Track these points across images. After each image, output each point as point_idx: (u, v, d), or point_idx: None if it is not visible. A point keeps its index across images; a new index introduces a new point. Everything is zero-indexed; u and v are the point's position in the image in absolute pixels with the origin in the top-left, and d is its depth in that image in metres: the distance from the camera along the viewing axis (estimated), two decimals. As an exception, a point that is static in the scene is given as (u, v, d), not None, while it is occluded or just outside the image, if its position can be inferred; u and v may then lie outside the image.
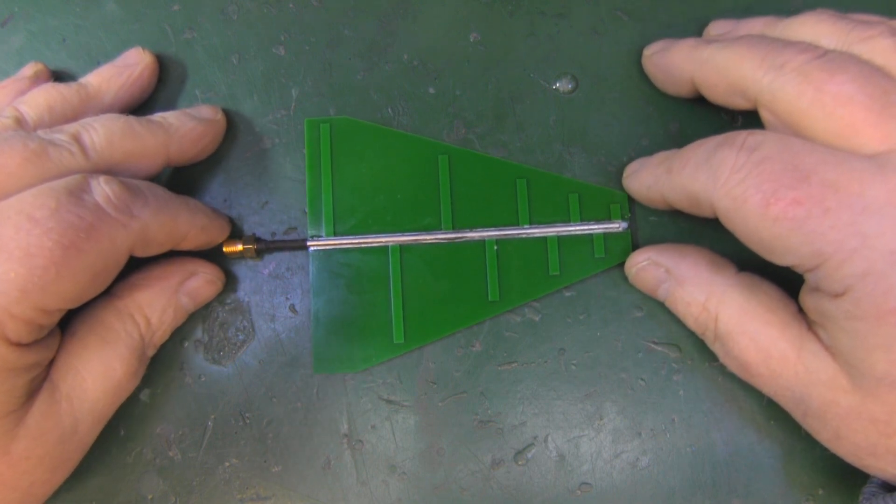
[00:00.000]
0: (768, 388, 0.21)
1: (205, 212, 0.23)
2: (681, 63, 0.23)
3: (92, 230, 0.18)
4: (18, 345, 0.19)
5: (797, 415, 0.21)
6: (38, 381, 0.20)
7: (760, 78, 0.20)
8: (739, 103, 0.22)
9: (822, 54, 0.19)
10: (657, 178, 0.22)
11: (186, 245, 0.23)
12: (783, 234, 0.18)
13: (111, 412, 0.22)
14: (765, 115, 0.21)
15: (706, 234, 0.25)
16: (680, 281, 0.23)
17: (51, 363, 0.21)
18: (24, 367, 0.19)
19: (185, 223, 0.22)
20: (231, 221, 0.25)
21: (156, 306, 0.23)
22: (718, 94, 0.22)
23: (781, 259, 0.19)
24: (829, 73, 0.19)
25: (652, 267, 0.23)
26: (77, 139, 0.21)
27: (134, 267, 0.24)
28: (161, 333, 0.23)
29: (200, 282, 0.24)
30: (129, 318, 0.22)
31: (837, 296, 0.18)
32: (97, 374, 0.21)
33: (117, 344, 0.22)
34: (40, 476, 0.20)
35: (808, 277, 0.19)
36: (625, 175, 0.25)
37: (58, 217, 0.18)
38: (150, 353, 0.23)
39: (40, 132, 0.21)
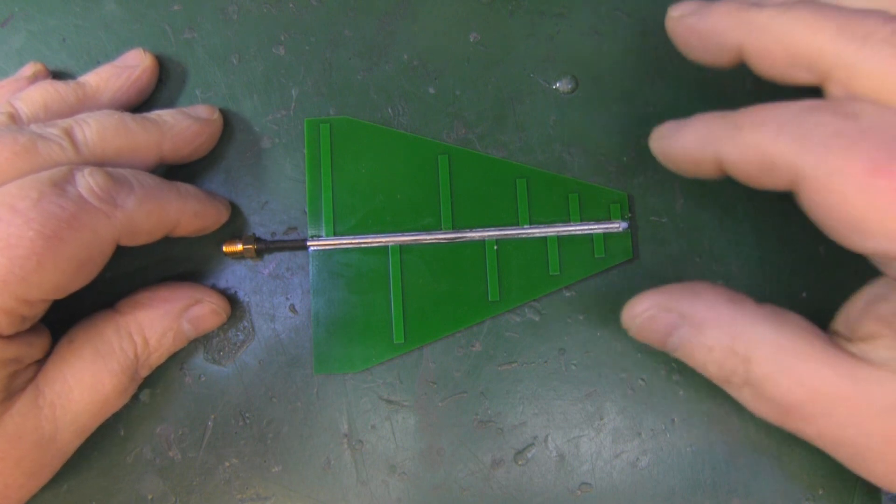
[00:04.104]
0: (812, 430, 0.18)
1: (197, 197, 0.22)
2: (726, 29, 0.19)
3: (74, 220, 0.18)
4: None
5: (847, 455, 0.18)
6: (21, 380, 0.20)
7: (840, 50, 0.17)
8: (801, 77, 0.18)
9: None
10: (715, 134, 0.19)
11: (181, 231, 0.22)
12: (884, 207, 0.15)
13: (94, 426, 0.21)
14: (835, 91, 0.18)
15: (706, 234, 0.24)
16: (698, 326, 0.19)
17: (39, 368, 0.20)
18: (2, 360, 0.18)
19: (176, 210, 0.21)
20: (233, 210, 0.24)
21: (156, 327, 0.22)
22: (775, 65, 0.19)
23: (868, 240, 0.16)
24: None
25: (662, 314, 0.20)
26: (69, 134, 0.20)
27: (141, 284, 0.23)
28: (158, 356, 0.22)
29: (205, 310, 0.23)
30: (128, 336, 0.21)
31: None
32: (85, 385, 0.20)
33: (110, 359, 0.21)
34: (15, 480, 0.20)
35: (893, 268, 0.17)
36: (656, 136, 0.21)
37: (40, 207, 0.17)
38: (144, 373, 0.22)
39: (33, 126, 0.20)
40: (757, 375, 0.18)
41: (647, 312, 0.20)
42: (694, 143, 0.20)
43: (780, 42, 0.18)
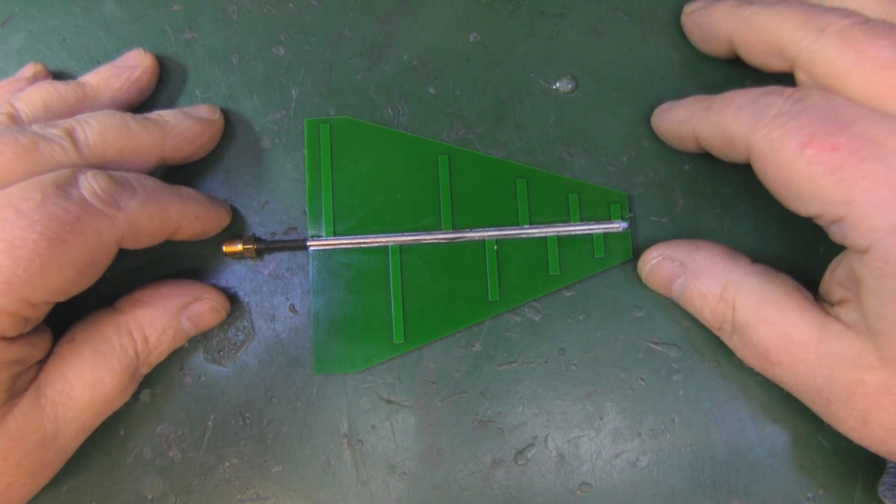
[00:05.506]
0: (789, 378, 0.20)
1: (199, 201, 0.22)
2: (720, 21, 0.23)
3: (77, 223, 0.18)
4: (2, 338, 0.18)
5: (819, 405, 0.20)
6: (24, 381, 0.20)
7: (801, 39, 0.20)
8: (776, 64, 0.21)
9: (865, 21, 0.19)
10: (693, 113, 0.22)
11: (182, 235, 0.22)
12: (815, 176, 0.18)
13: (95, 424, 0.21)
14: (801, 77, 0.20)
15: (706, 234, 0.24)
16: (696, 273, 0.22)
17: (40, 368, 0.20)
18: (6, 361, 0.18)
19: (177, 213, 0.21)
20: (233, 210, 0.25)
21: (156, 325, 0.22)
22: (756, 53, 0.22)
23: (808, 206, 0.18)
24: (870, 37, 0.18)
25: (666, 262, 0.22)
26: (70, 134, 0.20)
27: (141, 283, 0.23)
28: (158, 353, 0.22)
29: (204, 308, 0.23)
30: (128, 334, 0.21)
31: (864, 252, 0.17)
32: (86, 384, 0.20)
33: (111, 357, 0.21)
34: (18, 479, 0.20)
35: (833, 231, 0.19)
36: (654, 113, 0.24)
37: (43, 209, 0.17)
38: (144, 371, 0.22)
39: (34, 127, 0.20)
40: (740, 321, 0.21)
41: (655, 260, 0.23)
42: (678, 120, 0.23)
43: (758, 32, 0.21)
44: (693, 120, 0.22)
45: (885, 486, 0.20)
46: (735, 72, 0.25)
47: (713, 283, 0.21)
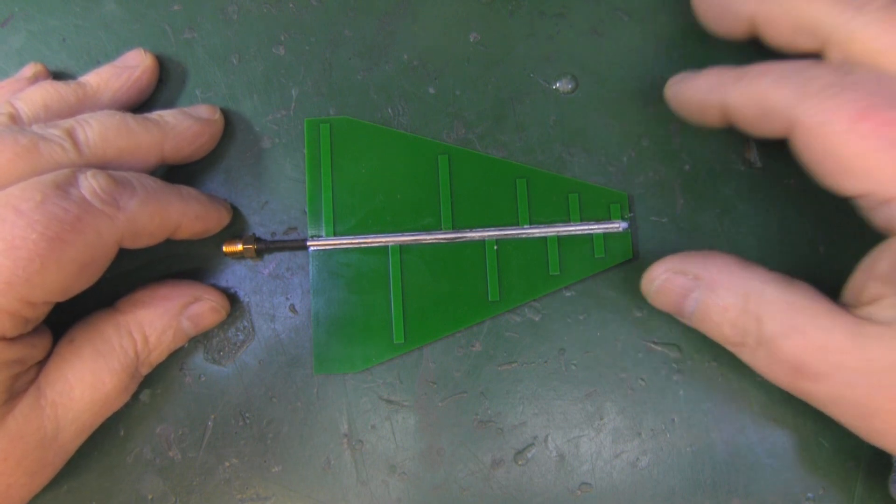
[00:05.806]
0: (825, 391, 0.18)
1: (199, 200, 0.22)
2: None
3: (77, 222, 0.18)
4: (2, 339, 0.18)
5: (858, 419, 0.18)
6: (24, 381, 0.20)
7: (837, 15, 0.19)
8: (804, 43, 0.20)
9: None
10: (722, 83, 0.20)
11: (182, 234, 0.22)
12: (867, 152, 0.17)
13: (96, 424, 0.21)
14: (834, 55, 0.19)
15: (706, 234, 0.24)
16: (712, 286, 0.20)
17: (40, 368, 0.20)
18: (6, 362, 0.18)
19: (177, 213, 0.21)
20: (233, 210, 0.25)
21: (156, 325, 0.22)
22: (782, 32, 0.20)
23: (857, 183, 0.17)
24: None
25: (678, 276, 0.21)
26: (70, 134, 0.20)
27: (141, 283, 0.23)
28: (158, 354, 0.22)
29: (204, 308, 0.23)
30: (128, 335, 0.21)
31: None
32: (86, 384, 0.20)
33: (111, 358, 0.21)
34: (18, 479, 0.20)
35: (879, 214, 0.18)
36: (670, 83, 0.23)
37: (43, 209, 0.17)
38: (144, 371, 0.22)
39: (35, 127, 0.20)
40: (768, 334, 0.19)
41: (664, 275, 0.21)
42: (703, 88, 0.21)
43: (786, 10, 0.20)
44: (722, 90, 0.20)
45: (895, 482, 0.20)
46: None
47: (732, 294, 0.20)
